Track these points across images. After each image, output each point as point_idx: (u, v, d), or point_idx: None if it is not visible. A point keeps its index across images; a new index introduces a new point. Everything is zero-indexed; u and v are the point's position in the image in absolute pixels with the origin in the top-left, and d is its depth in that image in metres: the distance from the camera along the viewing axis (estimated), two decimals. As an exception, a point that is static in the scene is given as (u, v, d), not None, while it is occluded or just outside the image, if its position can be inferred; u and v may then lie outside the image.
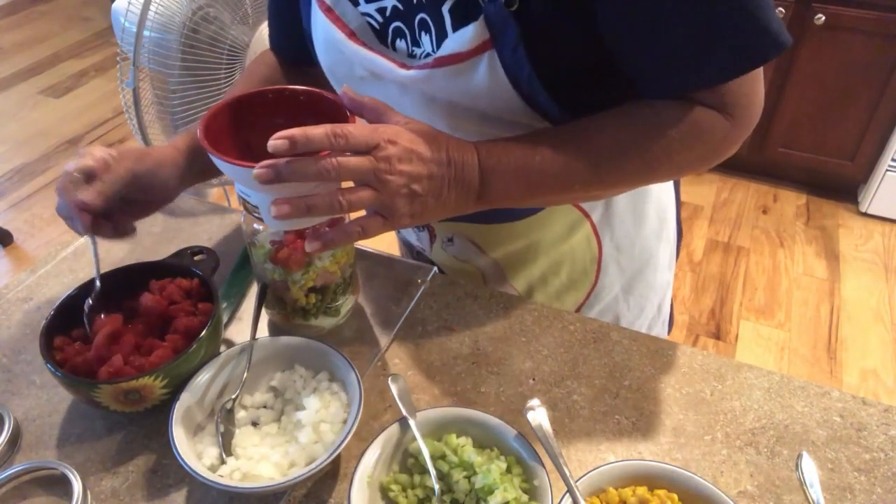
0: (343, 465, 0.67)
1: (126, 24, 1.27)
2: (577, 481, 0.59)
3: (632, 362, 0.76)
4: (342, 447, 0.62)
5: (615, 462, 0.61)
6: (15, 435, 0.70)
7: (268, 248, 0.73)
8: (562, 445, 0.68)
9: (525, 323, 0.81)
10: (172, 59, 1.33)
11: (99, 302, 0.72)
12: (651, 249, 0.91)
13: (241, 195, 0.64)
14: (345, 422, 0.66)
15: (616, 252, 0.87)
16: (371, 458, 0.62)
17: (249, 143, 0.67)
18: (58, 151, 3.05)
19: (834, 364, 2.05)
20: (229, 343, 0.77)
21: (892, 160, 2.39)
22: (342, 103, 0.63)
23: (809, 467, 0.64)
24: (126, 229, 0.74)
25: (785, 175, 2.73)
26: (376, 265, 0.91)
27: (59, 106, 3.40)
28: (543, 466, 0.60)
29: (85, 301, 0.72)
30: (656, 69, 0.62)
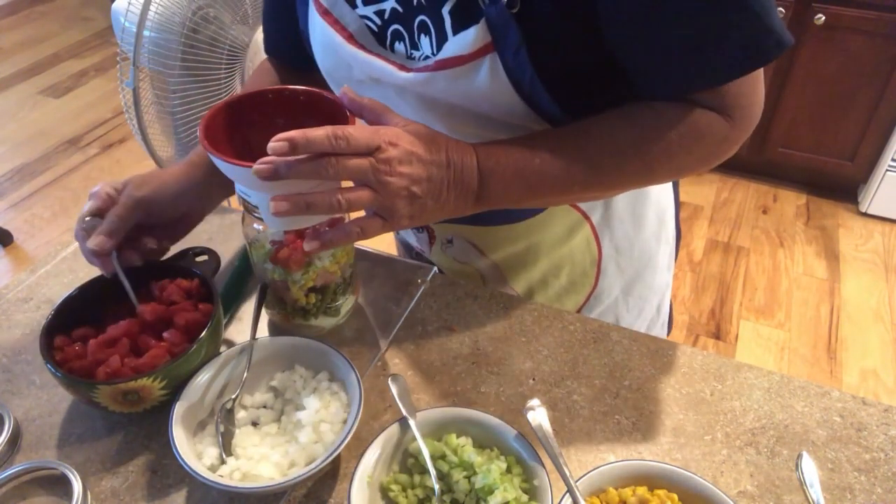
0: (343, 465, 0.67)
1: (126, 24, 1.28)
2: (577, 481, 0.59)
3: (632, 362, 0.76)
4: (342, 447, 0.62)
5: (615, 462, 0.61)
6: (15, 435, 0.70)
7: (268, 248, 0.73)
8: (562, 445, 0.68)
9: (525, 323, 0.81)
10: (172, 59, 1.33)
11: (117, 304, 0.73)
12: (650, 251, 0.91)
13: (241, 195, 0.64)
14: (345, 422, 0.66)
15: (616, 254, 0.87)
16: (371, 458, 0.62)
17: (249, 143, 0.67)
18: (58, 151, 3.05)
19: (834, 364, 2.05)
20: (229, 343, 0.77)
21: (892, 160, 2.39)
22: (342, 103, 0.63)
23: (809, 467, 0.64)
24: (158, 251, 0.75)
25: (785, 175, 2.73)
26: (376, 265, 0.91)
27: (59, 106, 3.40)
28: (543, 466, 0.60)
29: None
30: (658, 70, 0.62)
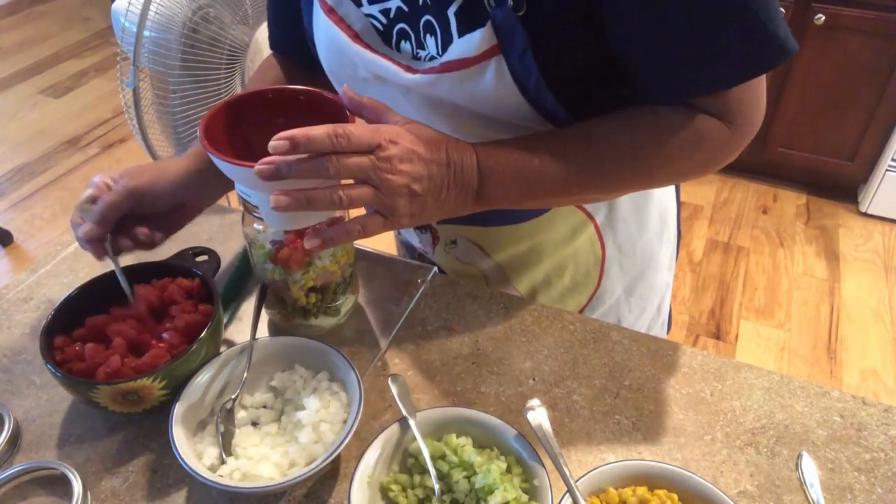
0: (343, 465, 0.67)
1: (126, 24, 1.27)
2: (577, 481, 0.59)
3: (632, 362, 0.76)
4: (342, 447, 0.62)
5: (615, 462, 0.61)
6: (15, 435, 0.70)
7: (268, 248, 0.73)
8: (562, 445, 0.68)
9: (525, 323, 0.81)
10: (172, 59, 1.33)
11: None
12: (653, 251, 0.91)
13: (241, 195, 0.64)
14: (345, 422, 0.66)
15: (619, 254, 0.87)
16: (371, 458, 0.62)
17: (249, 142, 0.67)
18: (58, 151, 3.04)
19: (834, 364, 2.05)
20: (229, 343, 0.77)
21: (892, 160, 2.39)
22: (342, 103, 0.62)
23: (809, 467, 0.64)
24: (148, 241, 0.73)
25: (785, 175, 2.73)
26: (376, 265, 0.91)
27: (59, 106, 3.40)
28: (543, 466, 0.60)
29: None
30: (661, 74, 0.62)
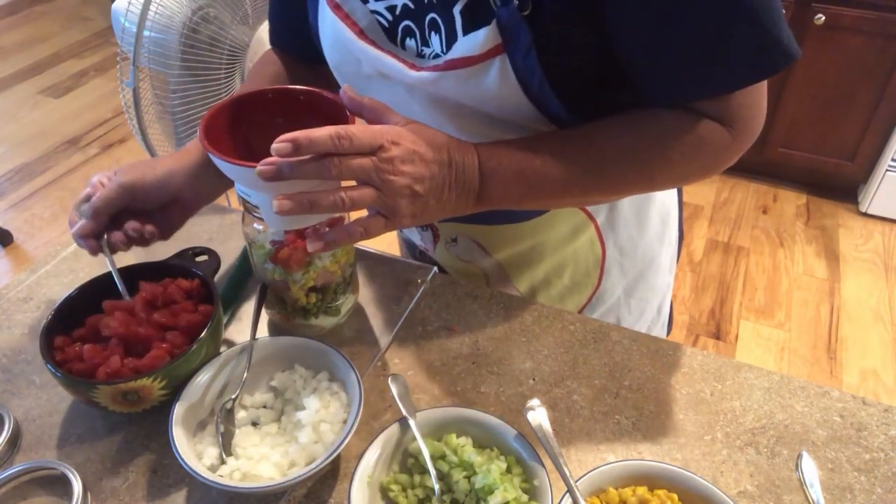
0: (343, 465, 0.67)
1: (126, 24, 1.27)
2: (577, 481, 0.59)
3: (632, 362, 0.76)
4: (342, 447, 0.62)
5: (615, 462, 0.61)
6: (15, 435, 0.70)
7: (268, 248, 0.73)
8: (562, 445, 0.68)
9: (525, 323, 0.81)
10: (172, 59, 1.33)
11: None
12: (653, 252, 0.91)
13: (241, 195, 0.64)
14: (345, 422, 0.66)
15: (619, 255, 0.87)
16: (371, 458, 0.62)
17: (250, 142, 0.67)
18: (58, 151, 3.04)
19: (834, 364, 2.05)
20: (229, 343, 0.77)
21: (892, 160, 2.39)
22: (342, 103, 0.62)
23: (809, 467, 0.64)
24: (138, 235, 0.72)
25: (785, 175, 2.73)
26: (376, 265, 0.91)
27: (59, 106, 3.40)
28: (543, 466, 0.60)
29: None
30: (664, 76, 0.62)
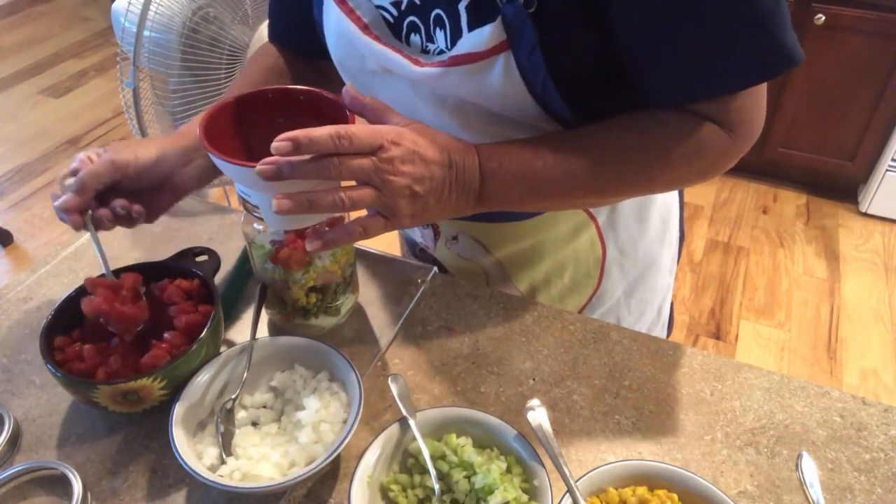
0: (343, 465, 0.67)
1: (126, 24, 1.27)
2: (577, 481, 0.59)
3: (632, 362, 0.76)
4: (342, 447, 0.62)
5: (615, 462, 0.61)
6: (15, 435, 0.70)
7: (268, 248, 0.73)
8: (562, 445, 0.68)
9: (525, 323, 0.81)
10: (172, 59, 1.33)
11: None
12: (654, 253, 0.91)
13: (241, 195, 0.64)
14: (345, 422, 0.66)
15: (619, 256, 0.87)
16: (371, 458, 0.62)
17: (249, 142, 0.67)
18: (58, 151, 3.04)
19: (834, 364, 2.05)
20: (229, 343, 0.77)
21: (892, 160, 2.39)
22: (342, 103, 0.62)
23: (809, 467, 0.64)
24: (126, 213, 0.69)
25: (785, 175, 2.73)
26: (376, 265, 0.91)
27: (59, 106, 3.40)
28: (543, 466, 0.60)
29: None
30: (665, 77, 0.62)
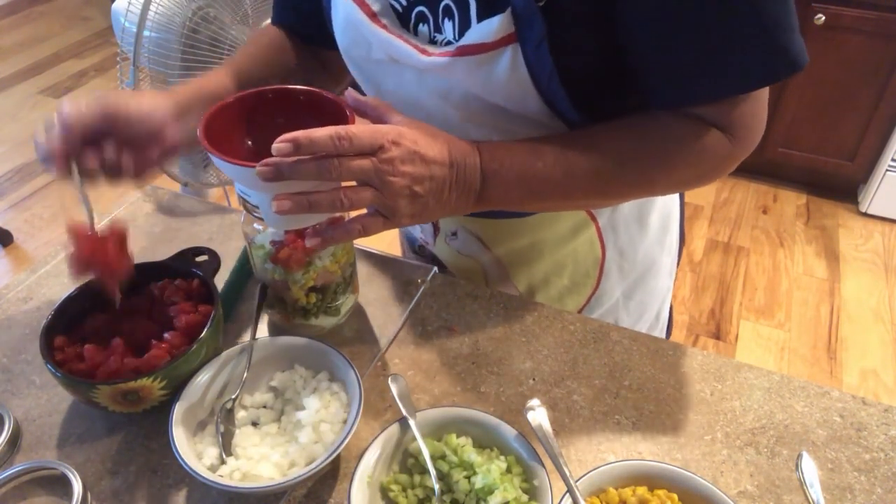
0: (343, 465, 0.67)
1: (126, 24, 1.27)
2: (577, 481, 0.59)
3: (632, 362, 0.76)
4: (342, 447, 0.62)
5: (615, 462, 0.61)
6: (15, 435, 0.70)
7: (268, 248, 0.73)
8: (562, 445, 0.68)
9: (525, 323, 0.81)
10: (172, 59, 1.33)
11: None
12: (653, 256, 0.91)
13: (241, 195, 0.64)
14: (345, 422, 0.66)
15: (619, 257, 0.87)
16: (371, 458, 0.62)
17: (249, 142, 0.67)
18: (58, 151, 3.04)
19: (834, 364, 2.05)
20: (229, 343, 0.77)
21: (892, 160, 2.39)
22: (342, 102, 0.63)
23: (809, 467, 0.64)
24: (115, 163, 0.65)
25: (785, 175, 2.73)
26: (376, 265, 0.91)
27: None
28: (543, 466, 0.60)
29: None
30: (669, 77, 0.62)
